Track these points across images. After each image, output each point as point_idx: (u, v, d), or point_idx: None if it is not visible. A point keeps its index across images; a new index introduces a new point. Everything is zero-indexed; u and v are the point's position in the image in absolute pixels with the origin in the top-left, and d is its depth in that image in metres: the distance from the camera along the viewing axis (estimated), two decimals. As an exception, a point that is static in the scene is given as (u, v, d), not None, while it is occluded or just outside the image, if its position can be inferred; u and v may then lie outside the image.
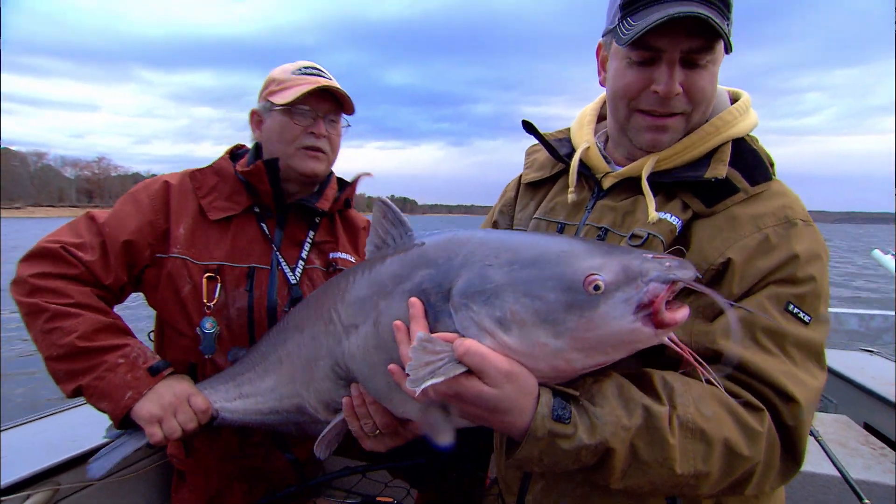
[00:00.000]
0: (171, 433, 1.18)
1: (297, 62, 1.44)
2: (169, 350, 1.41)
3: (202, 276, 1.33)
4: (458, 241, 0.84)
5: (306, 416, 1.16)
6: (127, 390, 1.18)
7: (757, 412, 0.79)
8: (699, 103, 0.93)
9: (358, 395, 0.97)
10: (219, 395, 1.29)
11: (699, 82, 0.91)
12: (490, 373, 0.71)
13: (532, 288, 0.72)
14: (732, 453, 0.76)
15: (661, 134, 0.95)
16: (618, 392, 0.77)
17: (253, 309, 1.37)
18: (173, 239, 1.35)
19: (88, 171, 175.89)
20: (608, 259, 0.72)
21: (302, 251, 1.46)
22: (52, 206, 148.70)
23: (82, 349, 1.17)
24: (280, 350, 1.19)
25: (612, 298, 0.69)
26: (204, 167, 1.46)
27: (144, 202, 1.36)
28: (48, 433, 1.57)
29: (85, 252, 1.26)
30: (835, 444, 1.72)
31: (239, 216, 1.41)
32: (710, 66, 0.91)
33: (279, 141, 1.39)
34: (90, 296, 1.24)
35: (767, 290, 0.85)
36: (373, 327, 0.89)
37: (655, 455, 0.74)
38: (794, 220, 0.89)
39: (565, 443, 0.72)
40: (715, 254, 0.87)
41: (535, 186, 1.23)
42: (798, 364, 0.83)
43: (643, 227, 0.92)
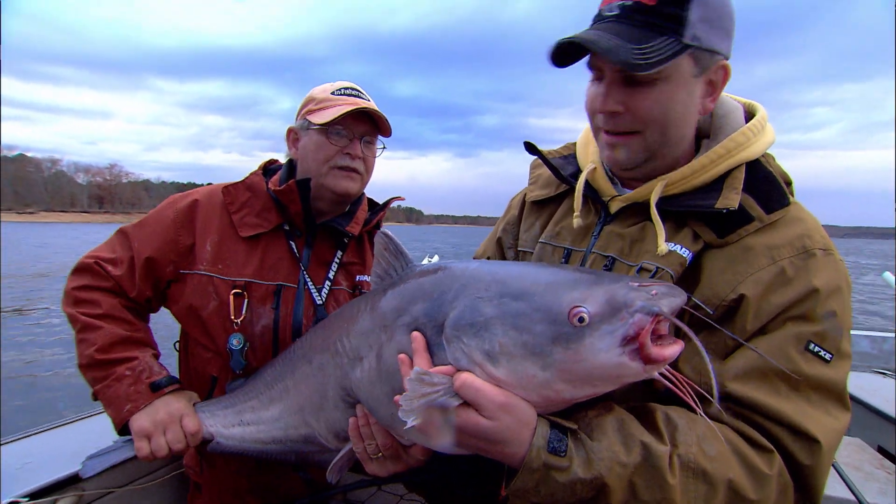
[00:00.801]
0: (158, 450, 1.20)
1: (337, 82, 1.45)
2: (192, 363, 1.44)
3: (229, 292, 1.35)
4: (452, 274, 0.87)
5: (313, 445, 1.17)
6: (127, 402, 1.23)
7: (766, 453, 0.76)
8: (648, 123, 0.87)
9: (363, 416, 0.99)
10: (217, 420, 1.30)
11: (641, 101, 0.85)
12: (486, 405, 0.73)
13: (519, 321, 0.73)
14: (737, 496, 0.73)
15: (615, 152, 0.92)
16: (617, 427, 0.76)
17: (278, 327, 1.38)
18: (199, 255, 1.37)
19: (100, 178, 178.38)
20: (593, 290, 0.72)
21: (329, 272, 1.47)
22: (65, 211, 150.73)
23: (98, 360, 1.26)
24: (287, 380, 1.19)
25: (598, 331, 0.69)
26: (237, 182, 1.48)
27: (169, 219, 1.39)
28: (74, 439, 1.60)
29: (115, 267, 1.34)
30: (849, 468, 1.72)
31: (268, 233, 1.43)
32: (660, 83, 0.84)
33: (314, 160, 1.40)
34: (118, 307, 1.33)
35: (786, 330, 0.80)
36: (376, 360, 0.92)
37: (654, 495, 0.72)
38: (812, 249, 0.83)
39: (560, 475, 0.72)
40: (727, 289, 0.83)
41: (540, 205, 1.19)
42: (816, 405, 0.78)
43: (652, 259, 0.88)
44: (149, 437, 1.21)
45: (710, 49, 0.84)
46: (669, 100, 0.85)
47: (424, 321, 0.83)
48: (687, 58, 0.83)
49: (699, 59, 0.84)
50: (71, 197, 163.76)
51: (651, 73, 0.81)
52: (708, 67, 0.86)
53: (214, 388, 1.41)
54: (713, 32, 0.84)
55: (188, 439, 1.24)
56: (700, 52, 0.83)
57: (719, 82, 0.89)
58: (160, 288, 1.39)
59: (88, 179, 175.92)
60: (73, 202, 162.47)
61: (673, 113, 0.87)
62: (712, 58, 0.85)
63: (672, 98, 0.85)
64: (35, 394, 6.36)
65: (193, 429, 1.25)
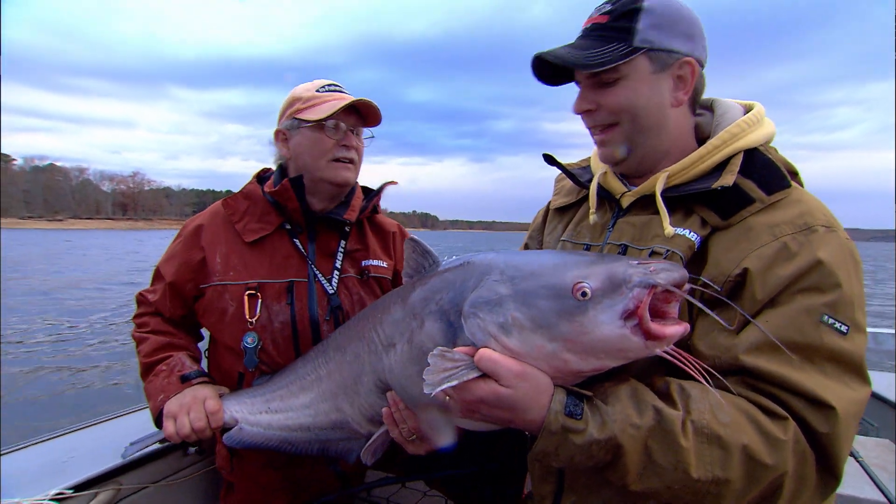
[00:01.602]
0: (181, 428, 1.29)
1: (316, 81, 1.50)
2: (220, 363, 1.52)
3: (244, 294, 1.42)
4: (472, 264, 0.95)
5: (341, 431, 1.24)
6: (160, 393, 1.36)
7: (781, 420, 0.78)
8: (618, 114, 0.99)
9: (393, 403, 1.07)
10: (244, 407, 1.37)
11: (608, 97, 0.99)
12: (503, 374, 0.78)
13: (529, 297, 0.80)
14: (752, 461, 0.75)
15: (603, 147, 1.05)
16: (631, 394, 0.81)
17: (296, 321, 1.44)
18: (211, 269, 1.46)
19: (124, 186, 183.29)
20: (595, 267, 0.78)
21: (336, 261, 1.52)
22: (90, 218, 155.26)
23: (145, 364, 1.45)
24: (320, 369, 1.26)
25: (600, 304, 0.75)
26: (235, 193, 1.56)
27: (180, 245, 1.52)
28: (114, 435, 1.68)
29: (153, 295, 1.54)
30: (877, 468, 1.68)
31: (272, 235, 1.49)
32: (623, 81, 0.97)
33: (311, 155, 1.44)
34: (161, 323, 1.52)
35: (796, 302, 0.82)
36: (407, 345, 1.00)
37: (669, 458, 0.76)
38: (813, 225, 0.86)
39: (577, 437, 0.77)
40: (731, 265, 0.87)
41: (562, 211, 1.30)
42: (831, 376, 0.80)
43: (662, 243, 0.94)
44: (174, 418, 1.30)
45: (666, 49, 0.96)
46: (633, 93, 0.97)
47: (448, 308, 0.91)
48: (642, 58, 0.95)
49: (655, 59, 0.96)
50: (96, 204, 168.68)
51: (604, 71, 0.95)
52: (668, 65, 0.97)
53: (242, 383, 1.48)
54: (666, 35, 0.95)
55: (209, 419, 1.31)
56: (655, 53, 0.95)
57: (687, 76, 0.98)
58: (189, 305, 1.51)
59: (113, 187, 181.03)
60: (99, 209, 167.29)
61: (639, 103, 0.98)
62: (670, 56, 0.96)
63: (635, 91, 0.97)
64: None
65: (213, 408, 1.32)
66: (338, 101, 1.40)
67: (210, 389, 1.38)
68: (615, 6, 0.98)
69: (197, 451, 1.71)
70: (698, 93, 1.03)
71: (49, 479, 1.39)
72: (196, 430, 1.30)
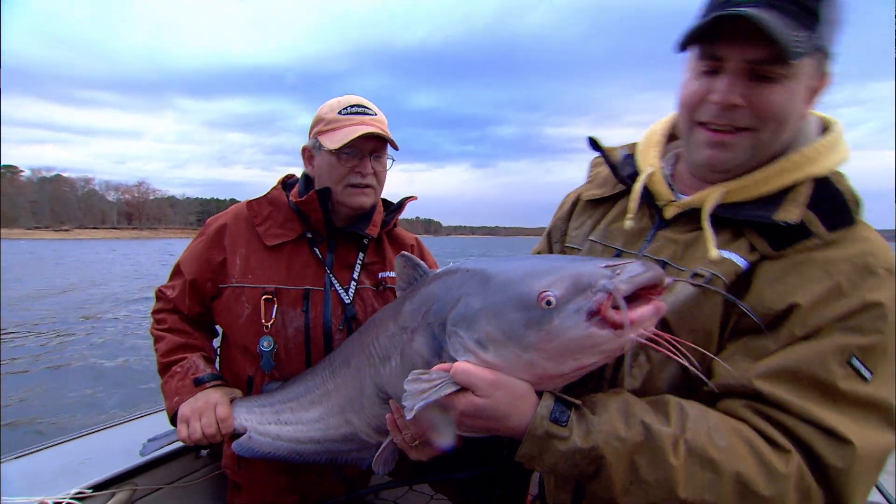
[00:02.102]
0: (192, 433, 1.34)
1: (342, 98, 1.50)
2: (231, 364, 1.56)
3: (260, 297, 1.45)
4: (453, 276, 0.97)
5: (351, 443, 1.27)
6: (175, 395, 1.41)
7: (784, 452, 0.74)
8: (767, 120, 0.83)
9: (395, 409, 1.08)
10: (254, 416, 1.40)
11: (766, 96, 0.81)
12: (478, 384, 0.79)
13: (499, 309, 0.82)
14: (746, 490, 0.72)
15: (721, 151, 0.87)
16: (622, 406, 0.79)
17: (309, 328, 1.47)
18: (230, 270, 1.49)
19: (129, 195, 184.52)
20: (561, 275, 0.79)
21: (353, 273, 1.56)
22: (96, 227, 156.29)
23: (162, 364, 1.50)
24: (328, 383, 1.29)
25: (565, 311, 0.76)
26: (259, 197, 1.59)
27: (202, 243, 1.55)
28: (128, 438, 1.72)
29: (171, 291, 1.58)
30: (883, 475, 1.71)
31: (292, 242, 1.53)
32: (786, 80, 0.80)
33: (329, 180, 1.48)
34: (178, 321, 1.57)
35: (831, 339, 0.76)
36: (400, 358, 1.03)
37: (656, 475, 0.74)
38: (874, 267, 0.78)
39: (561, 444, 0.77)
40: (776, 299, 0.80)
41: (594, 203, 1.18)
42: (851, 416, 0.74)
43: (705, 265, 0.87)
44: (187, 423, 1.36)
45: (828, 53, 0.82)
46: (792, 98, 0.82)
47: (433, 321, 0.93)
48: (812, 58, 0.80)
49: (819, 62, 0.82)
50: (102, 214, 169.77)
51: (783, 68, 0.78)
52: (822, 72, 0.83)
53: (251, 388, 1.52)
54: (833, 35, 0.81)
55: (220, 425, 1.36)
56: (821, 55, 0.81)
57: (819, 89, 0.86)
58: (206, 304, 1.55)
59: (118, 197, 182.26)
60: (104, 219, 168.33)
61: (792, 113, 0.83)
62: (826, 62, 0.83)
63: (795, 97, 0.82)
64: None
65: (223, 415, 1.37)
66: (353, 130, 1.42)
67: (222, 394, 1.42)
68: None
69: (209, 454, 1.75)
70: None
71: (69, 478, 1.44)
72: (207, 436, 1.35)
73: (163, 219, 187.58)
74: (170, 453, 1.65)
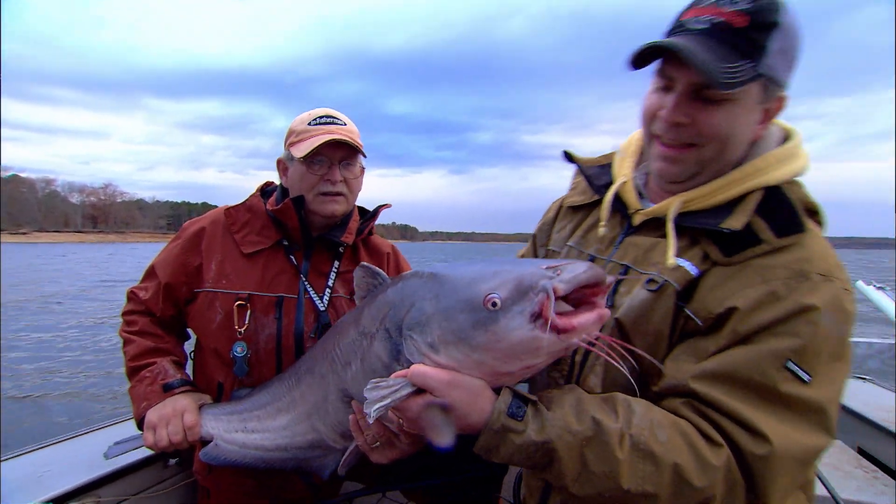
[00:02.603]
0: (159, 440, 1.34)
1: (314, 111, 1.54)
2: (203, 369, 1.55)
3: (233, 303, 1.46)
4: (408, 283, 1.01)
5: (317, 450, 1.28)
6: (143, 400, 1.40)
7: (716, 447, 0.80)
8: (709, 139, 0.89)
9: (357, 410, 1.11)
10: (221, 424, 1.40)
11: (708, 118, 0.88)
12: (434, 385, 0.83)
13: (449, 312, 0.86)
14: (682, 480, 0.78)
15: (669, 164, 0.94)
16: (574, 403, 0.84)
17: (281, 335, 1.49)
18: (206, 274, 1.50)
19: (94, 198, 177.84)
20: (506, 278, 0.83)
21: (328, 280, 1.58)
22: (58, 231, 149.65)
23: (131, 368, 1.49)
24: (294, 392, 1.30)
25: (510, 312, 0.80)
26: (238, 204, 1.61)
27: (179, 247, 1.55)
28: (89, 449, 1.67)
29: (144, 293, 1.55)
30: (828, 468, 1.81)
31: (268, 249, 1.55)
32: (728, 104, 0.87)
33: (300, 189, 1.52)
34: (149, 324, 1.55)
35: (766, 344, 0.81)
36: (360, 363, 1.06)
37: (603, 467, 0.79)
38: (808, 273, 0.83)
39: (517, 438, 0.81)
40: (715, 303, 0.86)
41: (574, 210, 1.26)
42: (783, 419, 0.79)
43: (661, 271, 0.93)
44: (154, 430, 1.35)
45: (779, 80, 0.88)
46: (734, 121, 0.89)
47: (390, 327, 0.97)
48: (758, 84, 0.86)
49: (767, 88, 0.88)
50: (64, 217, 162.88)
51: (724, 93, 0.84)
52: (772, 97, 0.90)
53: (221, 393, 1.51)
54: (784, 64, 0.87)
55: (186, 433, 1.36)
56: (769, 82, 0.87)
57: (773, 111, 0.93)
58: (180, 307, 1.54)
59: (82, 199, 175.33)
60: (67, 222, 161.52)
61: (734, 134, 0.90)
62: (777, 89, 0.89)
63: (736, 120, 0.89)
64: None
65: (190, 423, 1.37)
66: (320, 137, 1.46)
67: (190, 401, 1.41)
68: (753, 8, 0.82)
69: (177, 463, 1.72)
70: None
71: (28, 491, 1.39)
72: (173, 443, 1.34)
73: (131, 222, 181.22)
74: (135, 463, 1.61)
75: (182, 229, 1.61)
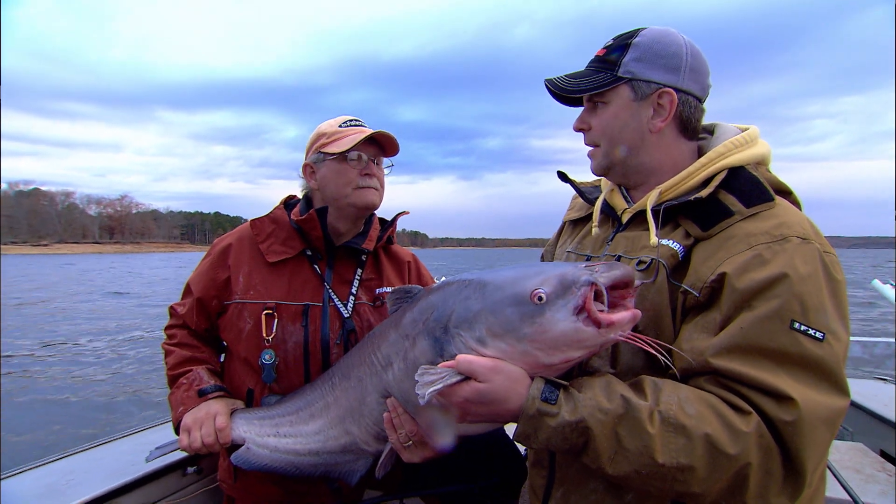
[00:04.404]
0: (193, 442, 1.38)
1: (339, 117, 1.61)
2: (233, 377, 1.59)
3: (261, 312, 1.51)
4: (450, 287, 1.07)
5: (350, 454, 1.32)
6: (180, 405, 1.46)
7: (744, 414, 0.82)
8: (600, 136, 1.10)
9: (393, 407, 1.15)
10: (253, 428, 1.43)
11: (593, 120, 1.11)
12: (479, 370, 0.89)
13: (496, 308, 0.92)
14: (715, 450, 0.80)
15: (592, 160, 1.15)
16: (604, 385, 0.89)
17: (308, 342, 1.52)
18: (234, 287, 1.55)
19: (111, 209, 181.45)
20: (549, 275, 0.90)
21: (352, 288, 1.62)
22: (77, 242, 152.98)
23: (170, 377, 1.56)
24: (328, 396, 1.34)
25: (555, 305, 0.87)
26: (262, 216, 1.66)
27: (208, 263, 1.62)
28: (113, 457, 1.71)
29: (182, 308, 1.64)
30: (850, 471, 1.77)
31: (293, 259, 1.59)
32: (604, 106, 1.08)
33: (336, 185, 1.55)
34: (187, 336, 1.62)
35: (768, 308, 0.84)
36: (402, 362, 1.11)
37: (636, 443, 0.82)
38: (788, 236, 0.89)
39: (552, 420, 0.86)
40: (707, 271, 0.92)
41: (574, 224, 1.41)
42: (800, 378, 0.82)
43: (648, 253, 1.02)
44: (188, 432, 1.40)
45: (646, 80, 1.05)
46: (612, 118, 1.08)
47: (434, 326, 1.02)
48: (624, 87, 1.06)
49: (636, 88, 1.06)
50: (83, 228, 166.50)
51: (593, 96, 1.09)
52: (648, 94, 1.05)
53: (251, 400, 1.55)
54: (647, 68, 1.05)
55: (218, 435, 1.40)
56: (637, 83, 1.05)
57: (666, 105, 1.06)
58: (213, 320, 1.60)
59: (99, 211, 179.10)
60: (85, 233, 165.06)
61: (616, 128, 1.08)
62: (649, 86, 1.05)
63: (615, 117, 1.08)
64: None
65: (222, 425, 1.41)
66: (358, 134, 1.52)
67: (223, 405, 1.46)
68: (614, 41, 1.09)
69: (196, 472, 1.75)
70: (689, 120, 1.08)
71: (53, 499, 1.43)
72: (206, 445, 1.39)
73: (146, 233, 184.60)
74: (154, 472, 1.64)
75: (212, 246, 1.68)
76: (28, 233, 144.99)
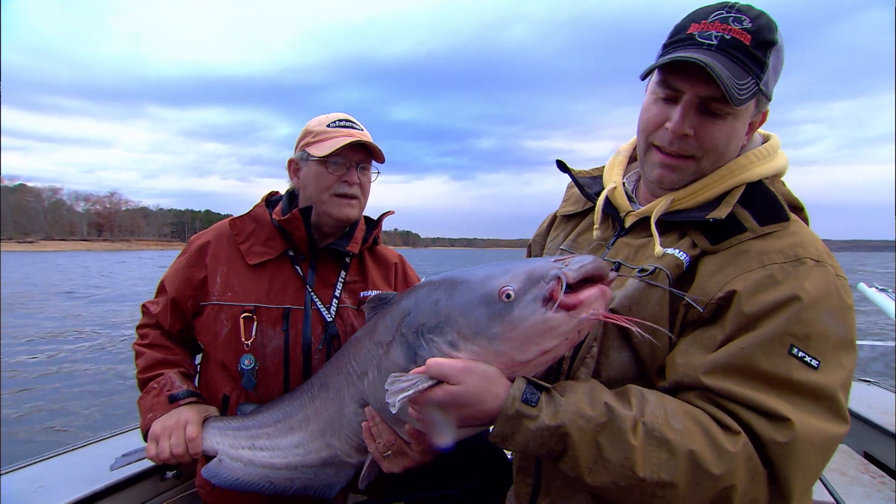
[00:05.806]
0: (161, 452, 1.33)
1: (331, 114, 1.53)
2: (209, 382, 1.54)
3: (240, 315, 1.44)
4: (420, 290, 1.06)
5: (332, 467, 1.28)
6: (149, 411, 1.40)
7: (732, 433, 0.79)
8: (709, 152, 0.94)
9: (371, 416, 1.13)
10: (226, 439, 1.37)
11: (712, 131, 0.92)
12: (450, 373, 0.86)
13: (465, 310, 0.91)
14: (699, 468, 0.76)
15: (670, 172, 0.98)
16: (588, 390, 0.85)
17: (289, 347, 1.46)
18: (211, 287, 1.49)
19: (99, 206, 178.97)
20: (517, 271, 0.88)
21: (335, 291, 1.56)
22: (64, 239, 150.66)
23: (140, 379, 1.50)
24: (308, 408, 1.30)
25: (522, 301, 0.85)
26: (243, 214, 1.59)
27: (184, 261, 1.55)
28: (85, 463, 1.67)
29: (155, 307, 1.58)
30: (834, 473, 1.78)
31: (274, 260, 1.52)
32: (731, 118, 0.91)
33: (314, 189, 1.49)
34: (159, 337, 1.55)
35: (770, 330, 0.81)
36: (377, 370, 1.09)
37: (617, 454, 0.79)
38: (803, 258, 0.85)
39: (531, 423, 0.82)
40: (715, 288, 0.87)
41: (568, 219, 1.32)
42: (797, 404, 0.78)
43: (652, 261, 0.96)
44: (157, 441, 1.33)
45: (768, 95, 0.93)
46: (733, 134, 0.94)
47: (406, 332, 1.01)
48: (754, 100, 0.91)
49: (759, 103, 0.93)
50: (70, 225, 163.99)
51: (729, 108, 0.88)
52: (761, 111, 0.96)
53: (227, 407, 1.50)
54: (774, 81, 0.93)
55: (188, 445, 1.34)
56: (761, 97, 0.92)
57: (757, 124, 0.99)
58: (188, 321, 1.54)
59: (88, 207, 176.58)
60: (73, 230, 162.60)
61: (731, 145, 0.96)
62: (765, 104, 0.95)
63: (735, 133, 0.94)
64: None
65: (192, 435, 1.35)
66: (343, 138, 1.45)
67: (195, 413, 1.40)
68: (756, 27, 0.87)
69: (174, 476, 1.71)
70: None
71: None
72: (174, 456, 1.32)
73: (136, 230, 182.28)
74: (132, 476, 1.60)
75: (188, 244, 1.61)
76: (13, 229, 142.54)
